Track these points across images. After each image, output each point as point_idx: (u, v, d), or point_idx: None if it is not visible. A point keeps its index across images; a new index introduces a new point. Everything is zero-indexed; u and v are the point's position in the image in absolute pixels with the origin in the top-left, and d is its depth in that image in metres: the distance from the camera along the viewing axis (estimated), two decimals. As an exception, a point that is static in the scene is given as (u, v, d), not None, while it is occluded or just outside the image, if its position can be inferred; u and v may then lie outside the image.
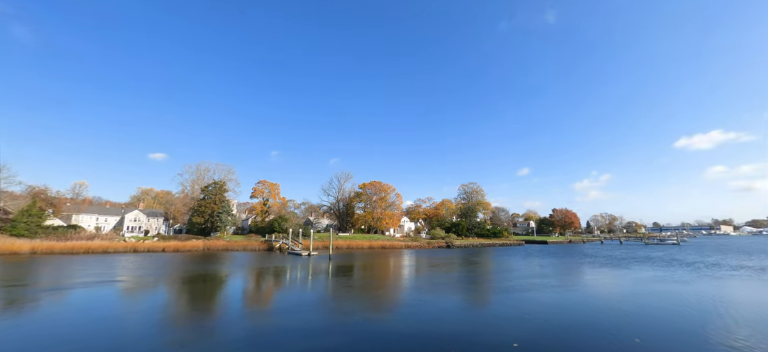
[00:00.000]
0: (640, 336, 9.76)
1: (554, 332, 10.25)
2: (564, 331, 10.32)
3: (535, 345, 8.97)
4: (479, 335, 9.87)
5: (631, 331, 10.26)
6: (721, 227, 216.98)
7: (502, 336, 9.74)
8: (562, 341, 9.33)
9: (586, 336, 9.82)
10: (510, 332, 10.24)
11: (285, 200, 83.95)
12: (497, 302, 15.08)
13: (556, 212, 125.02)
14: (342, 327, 11.05)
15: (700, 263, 35.30)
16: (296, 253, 41.51)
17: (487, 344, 9.10)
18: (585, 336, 9.81)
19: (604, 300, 15.43)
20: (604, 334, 9.98)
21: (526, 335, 9.92)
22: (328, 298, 16.24)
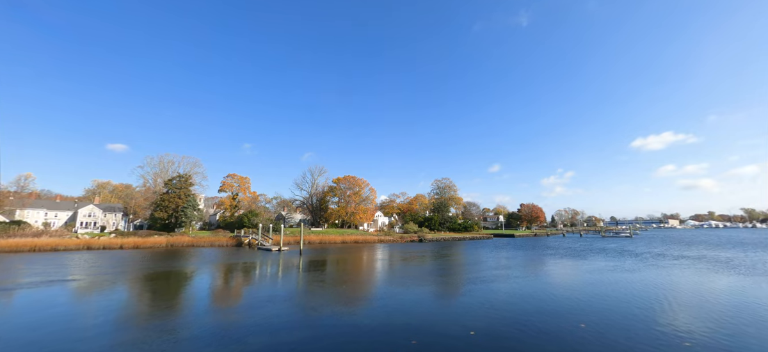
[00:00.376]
0: (585, 321, 10.60)
1: (509, 319, 10.89)
2: (518, 318, 10.98)
3: (490, 332, 9.52)
4: (441, 325, 10.29)
5: (578, 317, 11.11)
6: (669, 220, 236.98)
7: (462, 325, 10.22)
8: (514, 328, 9.94)
9: (537, 322, 10.52)
10: (469, 320, 10.75)
11: (255, 195, 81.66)
12: (461, 293, 15.71)
13: (524, 207, 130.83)
14: (309, 321, 11.09)
15: (647, 253, 38.45)
16: (266, 248, 40.64)
17: (447, 333, 9.53)
18: (536, 322, 10.52)
19: (559, 289, 16.51)
20: (554, 320, 10.74)
21: (483, 323, 10.47)
22: (296, 293, 16.16)
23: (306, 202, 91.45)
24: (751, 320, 10.77)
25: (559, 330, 9.75)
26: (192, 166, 76.19)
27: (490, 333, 9.40)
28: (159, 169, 73.44)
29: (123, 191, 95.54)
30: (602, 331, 9.68)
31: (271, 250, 38.94)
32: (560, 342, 8.74)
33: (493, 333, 9.40)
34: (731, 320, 10.76)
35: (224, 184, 76.66)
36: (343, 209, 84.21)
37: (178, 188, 62.25)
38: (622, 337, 9.15)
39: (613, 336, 9.24)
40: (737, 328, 9.92)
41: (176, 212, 60.98)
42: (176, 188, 62.44)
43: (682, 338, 9.05)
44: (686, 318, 10.99)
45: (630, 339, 8.96)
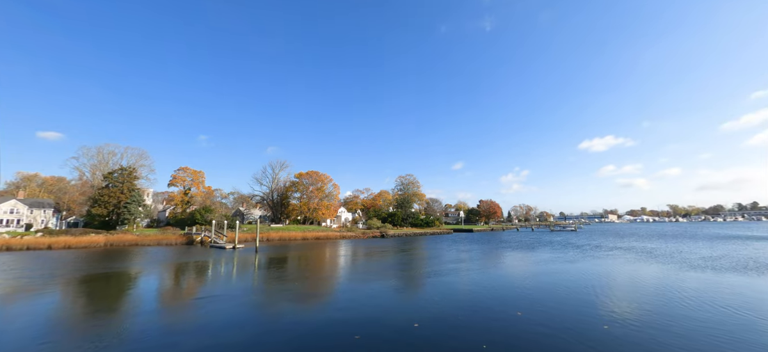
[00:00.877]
0: (522, 309, 11.37)
1: (451, 310, 11.36)
2: (460, 309, 11.50)
3: (432, 324, 9.87)
4: (387, 319, 10.48)
5: (516, 305, 11.88)
6: (609, 216, 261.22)
7: (408, 317, 10.48)
8: (455, 319, 10.41)
9: (478, 312, 11.12)
10: (415, 313, 11.06)
11: (211, 189, 77.19)
12: (411, 287, 16.09)
13: (482, 203, 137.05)
14: (255, 320, 10.74)
15: (587, 245, 42.06)
16: (219, 246, 38.63)
17: (392, 326, 9.72)
18: (477, 312, 11.10)
19: (503, 280, 17.52)
20: (494, 310, 11.39)
21: (427, 314, 10.83)
22: (245, 292, 15.55)
23: (266, 197, 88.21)
24: (661, 301, 12.19)
25: (498, 319, 10.37)
26: (137, 158, 70.16)
27: (432, 324, 9.74)
28: (97, 161, 66.76)
29: (54, 185, 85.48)
30: (536, 318, 10.45)
31: (225, 248, 37.08)
32: (497, 331, 9.30)
33: (435, 324, 9.76)
34: (645, 303, 12.12)
35: (175, 178, 71.49)
36: (305, 205, 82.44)
37: (120, 182, 57.03)
38: (552, 322, 9.94)
39: (544, 322, 10.00)
40: (650, 310, 11.18)
41: (118, 208, 55.88)
42: (118, 181, 57.18)
43: (603, 320, 10.03)
44: (609, 303, 12.18)
45: (557, 324, 9.76)
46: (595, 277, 18.07)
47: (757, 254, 28.47)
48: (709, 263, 23.12)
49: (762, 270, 19.54)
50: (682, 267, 21.32)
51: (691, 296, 13.04)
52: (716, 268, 20.75)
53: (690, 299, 12.55)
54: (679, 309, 11.25)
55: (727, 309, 11.16)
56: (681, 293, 13.75)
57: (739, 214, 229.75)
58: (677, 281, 16.38)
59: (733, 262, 23.33)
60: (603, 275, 18.87)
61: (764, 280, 16.60)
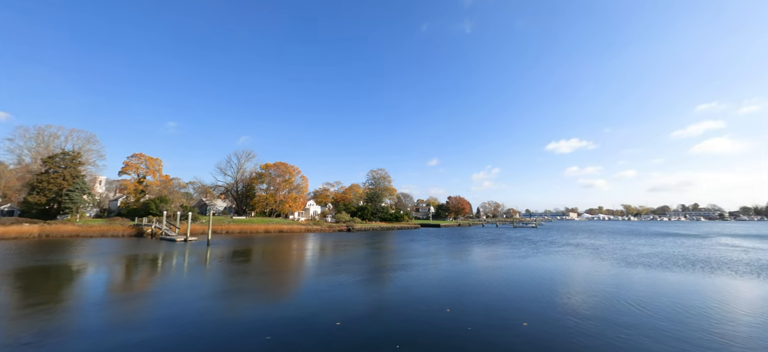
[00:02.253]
0: (452, 306, 11.42)
1: (376, 309, 11.19)
2: (387, 308, 11.35)
3: (356, 322, 9.62)
4: (310, 318, 10.12)
5: (448, 303, 11.92)
6: (570, 213, 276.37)
7: (331, 318, 10.17)
8: (377, 317, 10.23)
9: (409, 307, 11.03)
10: (340, 313, 10.77)
11: (168, 178, 72.82)
12: (346, 284, 15.79)
13: (451, 199, 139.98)
14: (172, 319, 9.98)
15: (542, 241, 43.95)
16: (170, 239, 36.46)
17: (314, 327, 9.38)
18: (408, 307, 11.01)
19: (445, 274, 17.68)
20: (422, 307, 11.35)
21: (352, 314, 10.57)
22: (176, 288, 14.59)
23: (230, 189, 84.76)
24: (586, 299, 12.72)
25: (422, 316, 10.33)
26: (84, 142, 64.84)
27: (357, 324, 9.51)
28: (37, 143, 60.87)
29: (-13, 169, 77.12)
30: (465, 314, 10.50)
31: (175, 240, 35.03)
32: (416, 327, 9.22)
33: (356, 324, 9.52)
34: (571, 300, 12.59)
35: (127, 165, 66.68)
36: (271, 197, 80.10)
37: (61, 167, 52.35)
38: (477, 318, 10.02)
39: (470, 318, 10.07)
40: (573, 307, 11.59)
41: (59, 195, 51.33)
42: (59, 166, 52.45)
43: (522, 318, 10.24)
44: (539, 300, 12.53)
45: (482, 321, 9.86)
46: (536, 273, 18.69)
47: (687, 251, 30.93)
48: (643, 259, 24.75)
49: (685, 267, 21.16)
50: (618, 264, 22.60)
51: (612, 294, 13.74)
52: (647, 264, 22.22)
53: (611, 297, 13.20)
54: (600, 307, 11.75)
55: (638, 307, 11.80)
56: (607, 290, 14.47)
57: (682, 214, 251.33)
58: (608, 278, 17.30)
59: (662, 259, 25.13)
60: (544, 271, 19.58)
61: (682, 276, 17.91)
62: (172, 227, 41.15)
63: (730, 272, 19.53)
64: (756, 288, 15.21)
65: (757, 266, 21.63)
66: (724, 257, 26.33)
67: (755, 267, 21.35)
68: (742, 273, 19.09)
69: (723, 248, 34.74)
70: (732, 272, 19.50)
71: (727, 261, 24.13)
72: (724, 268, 20.96)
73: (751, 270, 20.14)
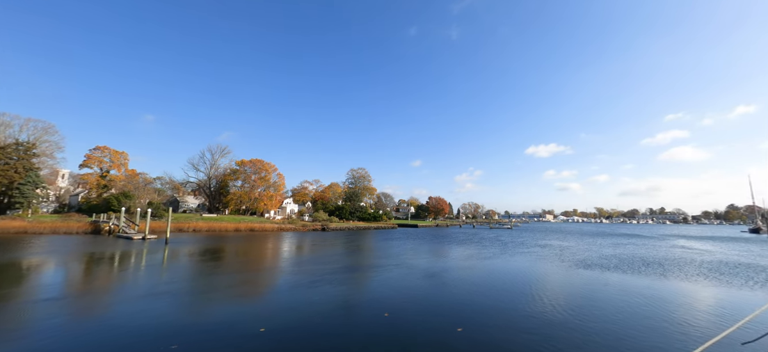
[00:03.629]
0: (389, 310, 11.07)
1: (310, 315, 10.70)
2: (324, 314, 10.90)
3: (282, 331, 9.09)
4: (235, 325, 9.50)
5: (386, 307, 11.56)
6: (546, 215, 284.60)
7: (252, 324, 9.61)
8: (314, 323, 9.75)
9: (352, 312, 10.60)
10: (263, 319, 10.23)
11: (135, 173, 69.41)
12: (291, 288, 15.23)
13: (431, 200, 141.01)
14: (97, 324, 9.12)
15: (512, 242, 44.59)
16: (127, 236, 34.51)
17: (236, 332, 8.78)
18: (351, 313, 10.58)
19: (397, 275, 17.37)
20: (363, 312, 10.95)
21: (280, 321, 10.04)
22: (107, 290, 13.56)
23: (203, 185, 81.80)
24: (533, 303, 12.67)
25: (363, 318, 9.93)
26: (42, 132, 60.64)
27: (279, 332, 8.98)
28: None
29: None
30: (403, 319, 10.17)
31: (133, 238, 33.18)
32: (351, 332, 8.81)
33: (283, 332, 9.00)
34: (517, 302, 12.51)
35: (89, 158, 63.09)
36: (245, 195, 77.91)
37: (13, 159, 48.80)
38: (413, 324, 9.71)
39: (406, 323, 9.75)
40: (512, 312, 11.48)
41: (10, 189, 47.82)
42: (11, 158, 48.88)
43: (459, 323, 10.01)
44: (485, 303, 12.37)
45: (419, 326, 9.55)
46: (491, 276, 18.62)
47: (645, 253, 32.00)
48: (601, 261, 25.32)
49: (637, 268, 21.77)
50: (575, 266, 22.98)
51: (558, 296, 13.81)
52: (603, 266, 22.71)
53: (556, 300, 13.24)
54: (541, 311, 11.71)
55: (577, 309, 11.85)
56: (554, 293, 14.55)
57: (650, 218, 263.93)
58: (560, 280, 17.48)
59: (619, 261, 25.81)
60: (500, 273, 19.58)
61: (630, 277, 18.34)
62: (131, 225, 39.00)
63: (678, 272, 20.18)
64: (682, 288, 15.69)
65: (696, 267, 22.51)
66: (673, 258, 27.35)
67: (694, 267, 22.21)
68: (681, 273, 19.77)
69: (677, 250, 36.27)
70: (680, 272, 20.16)
71: (674, 261, 25.06)
72: (672, 268, 21.67)
73: (688, 270, 20.91)
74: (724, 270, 21.75)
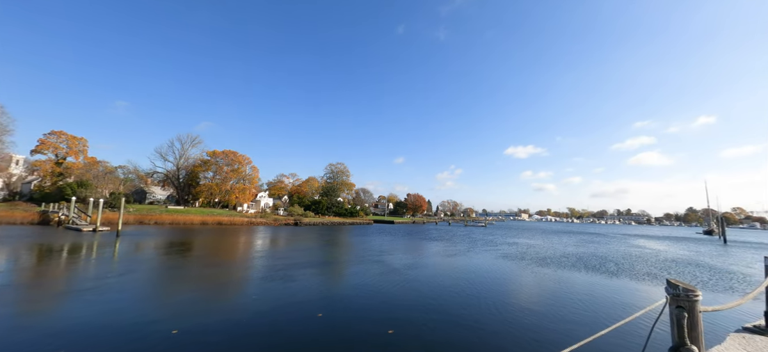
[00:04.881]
0: (326, 309, 10.66)
1: (268, 310, 10.17)
2: (280, 307, 10.38)
3: (199, 332, 8.49)
4: (151, 325, 8.82)
5: (321, 307, 11.14)
6: (522, 214, 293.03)
7: (167, 325, 8.95)
8: (262, 319, 9.21)
9: (282, 312, 10.10)
10: (184, 319, 9.59)
11: (95, 161, 65.39)
12: (227, 286, 14.57)
13: (410, 196, 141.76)
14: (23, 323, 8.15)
15: (482, 240, 45.14)
16: (76, 228, 32.30)
17: (151, 332, 8.11)
18: (280, 314, 10.07)
19: (351, 273, 17.03)
20: (297, 312, 10.48)
21: (199, 321, 9.44)
22: (36, 284, 12.40)
23: (171, 175, 78.32)
24: (474, 301, 12.59)
25: (294, 318, 9.46)
26: (-14, 114, 55.90)
27: (198, 334, 8.37)
28: None
29: None
30: (335, 317, 9.78)
31: (82, 230, 31.09)
32: (288, 329, 8.33)
33: (201, 334, 8.39)
34: (459, 300, 12.39)
35: (43, 143, 58.83)
36: (216, 187, 75.26)
37: (-49, 142, 44.73)
38: (344, 326, 9.34)
39: (339, 319, 9.37)
40: (451, 310, 11.32)
41: (-54, 174, 43.84)
42: (-52, 141, 44.77)
43: (391, 325, 9.73)
44: (424, 303, 12.17)
45: (349, 328, 9.18)
46: (446, 274, 18.53)
47: (606, 251, 33.09)
48: (561, 259, 25.85)
49: (592, 266, 22.36)
50: (533, 263, 23.33)
51: (503, 295, 13.85)
52: (560, 264, 23.14)
53: (498, 299, 13.25)
54: (478, 311, 11.62)
55: (523, 307, 11.85)
56: (500, 291, 14.60)
57: (617, 218, 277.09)
58: (510, 278, 17.63)
59: (577, 259, 26.43)
60: (459, 270, 19.55)
61: (581, 275, 18.75)
62: (82, 216, 36.58)
63: (628, 269, 20.87)
64: (626, 284, 16.18)
65: (645, 263, 23.45)
66: (628, 254, 28.42)
67: (642, 264, 23.11)
68: (628, 271, 20.47)
69: (633, 248, 37.84)
70: (629, 268, 20.86)
71: (627, 259, 25.99)
72: (623, 265, 22.42)
73: (631, 267, 21.72)
74: (665, 267, 22.72)
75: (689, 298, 2.82)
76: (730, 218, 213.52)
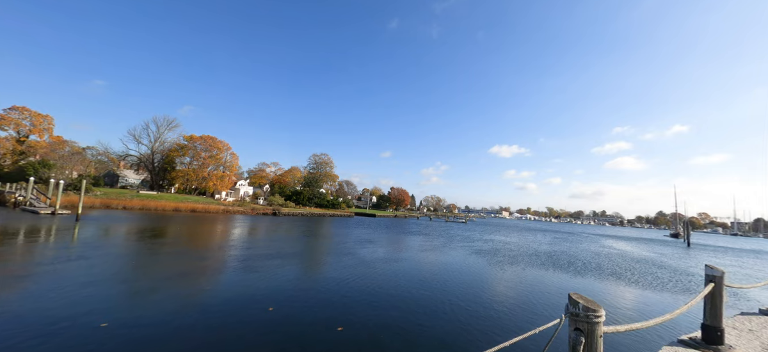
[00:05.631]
0: (278, 303, 10.34)
1: (218, 304, 9.74)
2: (230, 301, 9.97)
3: (129, 326, 8.01)
4: (77, 318, 8.27)
5: (272, 301, 10.82)
6: (503, 212, 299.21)
7: (94, 319, 8.44)
8: (208, 314, 8.78)
9: (231, 309, 9.72)
10: (117, 311, 9.09)
11: (61, 140, 61.99)
12: (172, 278, 14.04)
13: (393, 191, 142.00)
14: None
15: (459, 236, 45.60)
16: (33, 210, 30.48)
17: (77, 325, 7.58)
18: (230, 311, 9.69)
19: (325, 261, 16.75)
20: (248, 307, 10.12)
21: (132, 314, 8.95)
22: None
23: (145, 159, 75.30)
24: (435, 299, 12.52)
25: (243, 313, 9.11)
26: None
27: (126, 326, 7.91)
28: None
29: None
30: (286, 313, 9.48)
31: (39, 212, 29.37)
32: (235, 324, 7.95)
33: (130, 326, 7.93)
34: (418, 296, 12.30)
35: (3, 119, 55.17)
36: (193, 173, 72.95)
37: None
38: (294, 321, 9.06)
39: (290, 315, 9.08)
40: (412, 307, 11.20)
41: None
42: None
43: (341, 321, 9.50)
44: (379, 301, 12.02)
45: (300, 324, 8.91)
46: (414, 268, 18.50)
47: (577, 251, 33.98)
48: (530, 258, 26.33)
49: (561, 265, 22.85)
50: (503, 262, 23.63)
51: (467, 288, 13.86)
52: (529, 263, 23.56)
53: (464, 292, 13.24)
54: (431, 308, 11.56)
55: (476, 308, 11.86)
56: (463, 286, 14.62)
57: (593, 219, 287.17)
58: (477, 275, 17.77)
59: (547, 257, 26.97)
60: (425, 265, 19.54)
61: (547, 273, 19.11)
62: (42, 198, 34.60)
63: (590, 267, 21.44)
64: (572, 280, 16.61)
65: (606, 262, 24.21)
66: (598, 253, 29.28)
67: (606, 261, 23.85)
68: (586, 269, 21.05)
69: (600, 247, 39.09)
70: (592, 267, 21.44)
71: (588, 257, 26.78)
72: (591, 264, 23.03)
73: (592, 266, 22.39)
74: (628, 267, 23.46)
75: (589, 319, 2.50)
76: (695, 222, 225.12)
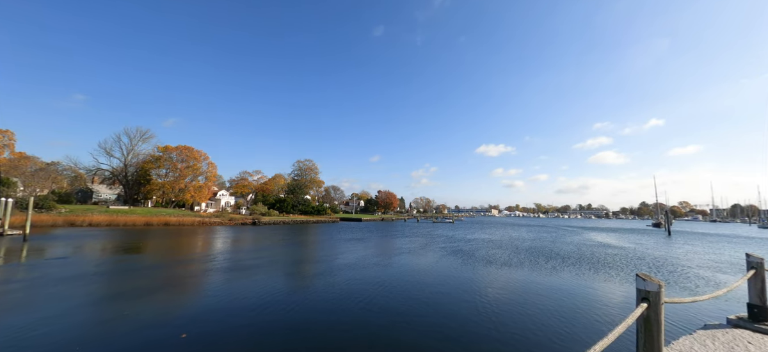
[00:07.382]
0: (188, 329, 9.09)
1: (132, 330, 8.40)
2: (150, 323, 8.65)
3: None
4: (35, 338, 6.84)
5: (187, 327, 9.58)
6: (492, 210, 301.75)
7: None
8: (120, 336, 7.45)
9: (158, 329, 8.41)
10: (22, 339, 7.70)
11: (23, 155, 58.63)
12: (83, 305, 12.64)
13: (381, 194, 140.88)
14: None
15: (443, 236, 44.76)
16: (-23, 232, 28.11)
17: None
18: (157, 329, 8.38)
19: (267, 283, 15.53)
20: (156, 332, 8.84)
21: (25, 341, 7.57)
22: None
23: (117, 173, 72.06)
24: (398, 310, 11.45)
25: (149, 340, 7.81)
26: None
27: None
28: None
29: None
30: (200, 341, 8.23)
31: (-16, 234, 27.08)
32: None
33: None
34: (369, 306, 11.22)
35: (-43, 136, 51.74)
36: (169, 185, 70.22)
37: None
38: (223, 339, 7.83)
39: (208, 341, 7.85)
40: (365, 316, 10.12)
41: None
42: None
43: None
44: (321, 319, 10.92)
45: (227, 342, 7.68)
46: (377, 276, 17.43)
47: (558, 247, 33.47)
48: (512, 256, 25.59)
49: (541, 263, 22.13)
50: (481, 263, 22.79)
51: (429, 303, 12.89)
52: (508, 263, 22.76)
53: (424, 308, 12.26)
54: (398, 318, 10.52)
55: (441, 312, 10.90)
56: (430, 298, 13.67)
57: (579, 213, 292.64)
58: (453, 280, 16.83)
59: (530, 254, 26.29)
60: (391, 272, 18.53)
61: (528, 273, 18.31)
62: None
63: (572, 264, 20.78)
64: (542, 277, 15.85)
65: (586, 256, 23.68)
66: (577, 247, 28.81)
67: (581, 257, 23.29)
68: (564, 264, 20.37)
69: (583, 240, 38.88)
70: (574, 265, 20.78)
71: (572, 252, 26.23)
72: (569, 261, 22.38)
73: (571, 260, 21.78)
74: (608, 261, 22.94)
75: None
76: (676, 210, 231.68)
